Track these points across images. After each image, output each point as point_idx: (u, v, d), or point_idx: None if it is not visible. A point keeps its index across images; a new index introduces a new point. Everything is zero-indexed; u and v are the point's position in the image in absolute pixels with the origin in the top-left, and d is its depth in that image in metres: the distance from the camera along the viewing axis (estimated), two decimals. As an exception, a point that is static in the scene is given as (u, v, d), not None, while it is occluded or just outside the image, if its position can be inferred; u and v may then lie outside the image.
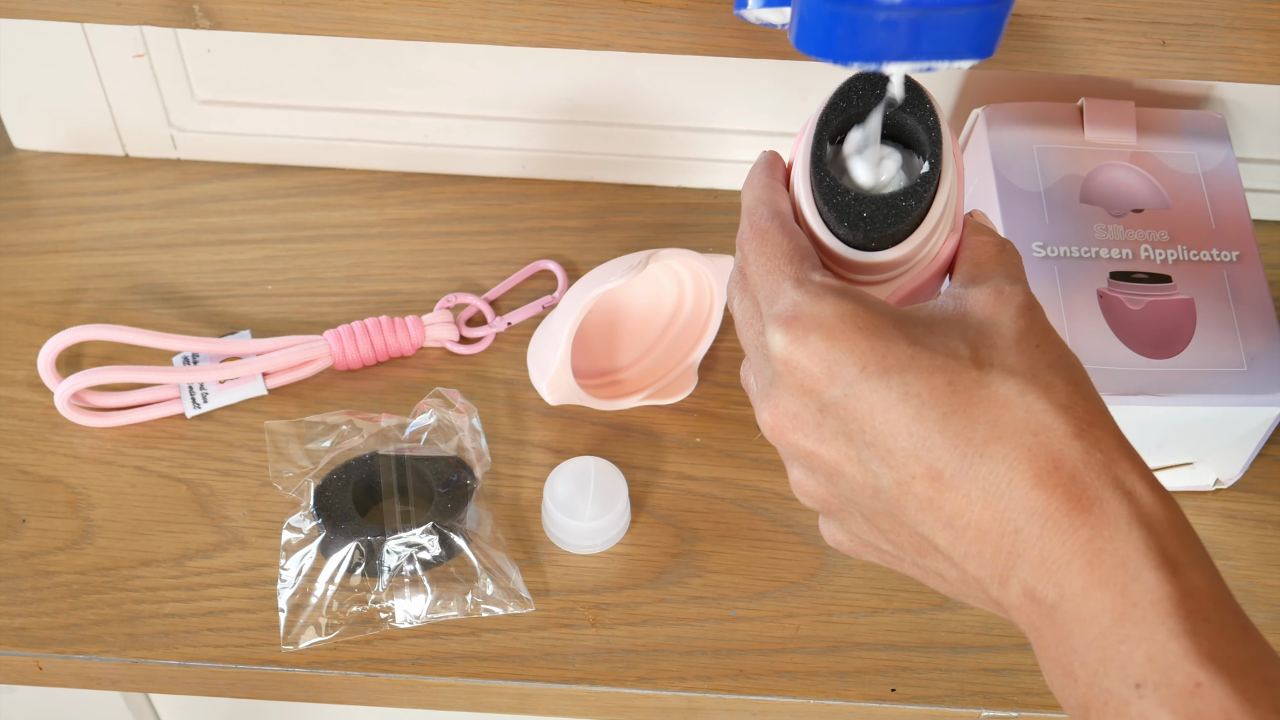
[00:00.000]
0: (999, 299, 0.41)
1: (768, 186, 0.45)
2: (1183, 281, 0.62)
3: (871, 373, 0.39)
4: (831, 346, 0.39)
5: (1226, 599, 0.37)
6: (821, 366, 0.39)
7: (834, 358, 0.39)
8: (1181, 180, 0.66)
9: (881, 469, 0.39)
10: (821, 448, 0.41)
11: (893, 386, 0.39)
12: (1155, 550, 0.37)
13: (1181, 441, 0.62)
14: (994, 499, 0.38)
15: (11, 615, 0.62)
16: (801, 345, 0.40)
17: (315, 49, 0.72)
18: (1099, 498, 0.38)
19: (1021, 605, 0.39)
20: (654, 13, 0.56)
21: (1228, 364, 0.60)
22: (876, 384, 0.39)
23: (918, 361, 0.39)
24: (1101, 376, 0.59)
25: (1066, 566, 0.37)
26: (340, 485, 0.64)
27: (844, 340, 0.39)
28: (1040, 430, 0.38)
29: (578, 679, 0.61)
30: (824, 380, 0.40)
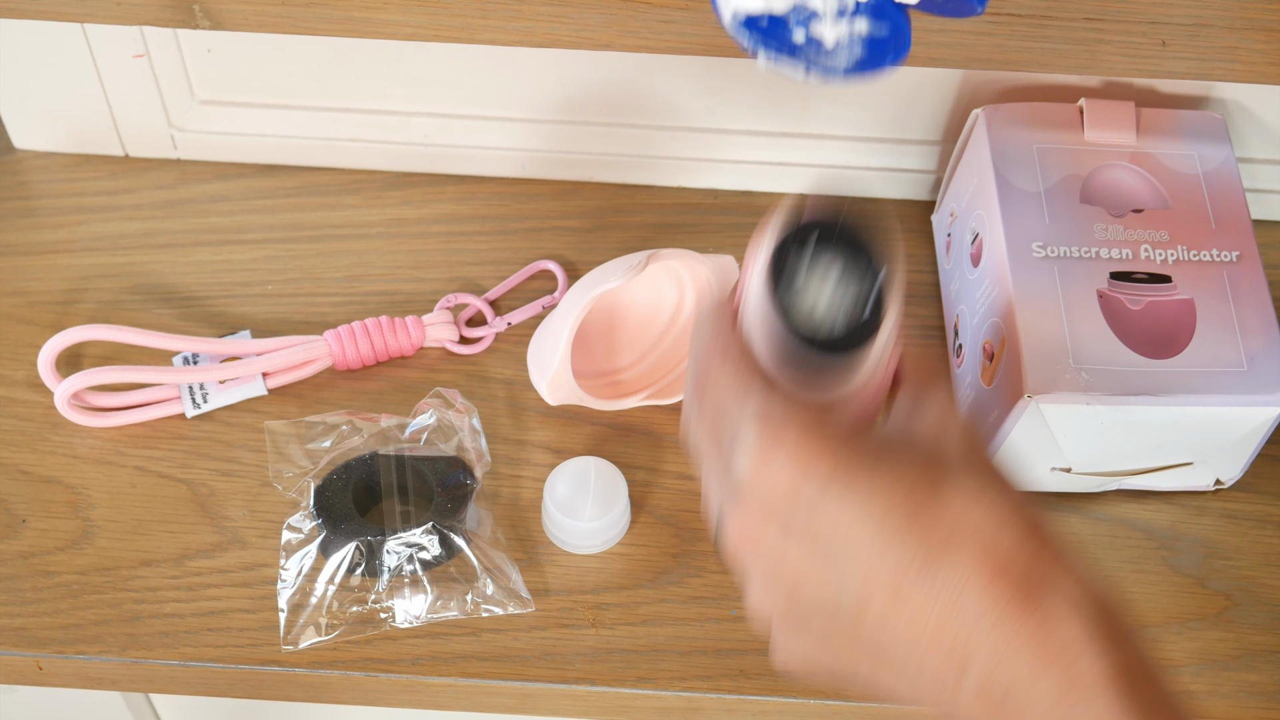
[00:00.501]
0: (943, 424, 0.44)
1: (716, 324, 0.47)
2: (1183, 282, 0.62)
3: (835, 489, 0.41)
4: (796, 465, 0.42)
5: (1157, 669, 0.42)
6: (787, 485, 0.42)
7: (799, 475, 0.42)
8: (1181, 180, 0.65)
9: (844, 580, 0.42)
10: (786, 561, 0.43)
11: (856, 501, 0.41)
12: (1095, 633, 0.40)
13: (1181, 441, 0.62)
14: (950, 603, 0.41)
15: (11, 615, 0.62)
16: (767, 465, 0.42)
17: (315, 49, 0.72)
18: (1045, 592, 0.40)
19: (974, 707, 0.41)
20: (654, 13, 0.56)
21: (1228, 364, 0.60)
22: (840, 499, 0.41)
23: (877, 477, 0.41)
24: (1101, 377, 0.59)
25: (1016, 656, 0.40)
26: (340, 485, 0.64)
27: (807, 459, 0.42)
28: (991, 537, 0.41)
29: (578, 679, 0.61)
30: (790, 497, 0.42)
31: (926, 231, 0.75)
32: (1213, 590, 0.64)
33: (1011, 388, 0.60)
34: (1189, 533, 0.66)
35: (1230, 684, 0.62)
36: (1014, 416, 0.60)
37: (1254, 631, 0.63)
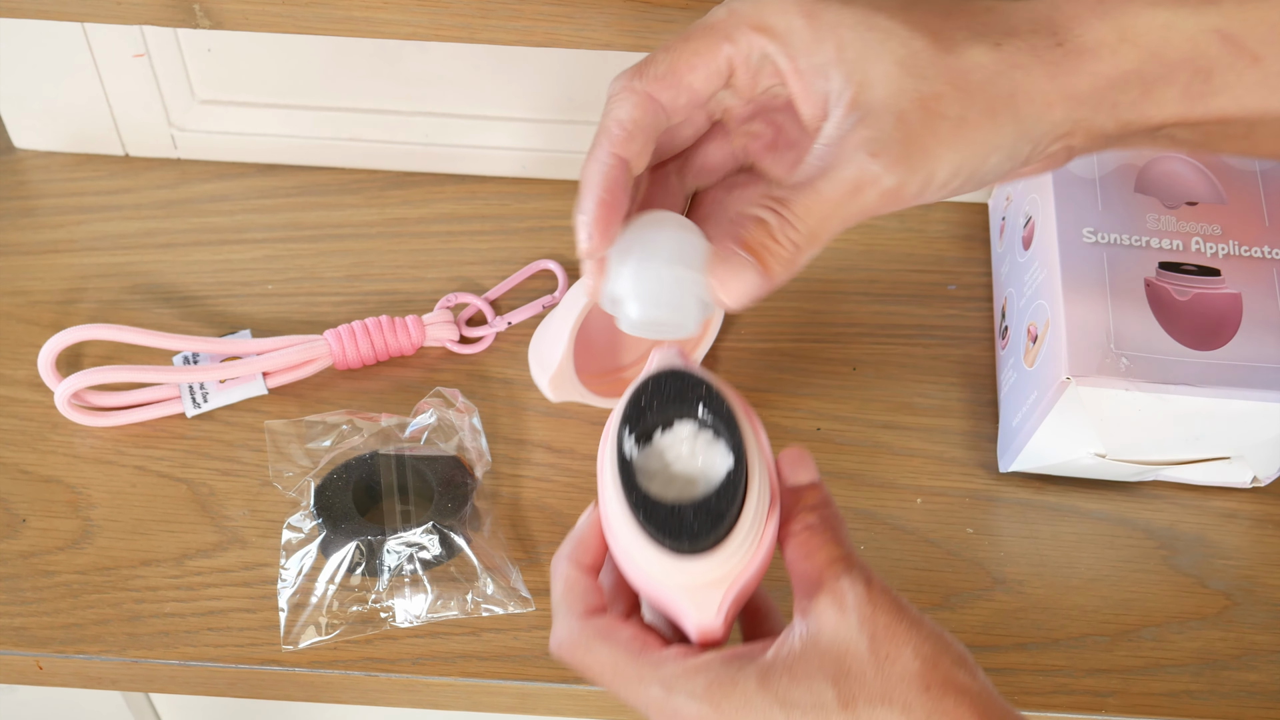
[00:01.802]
0: (839, 611, 0.44)
1: (571, 581, 0.47)
2: (1232, 276, 0.62)
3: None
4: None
5: None
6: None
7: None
8: (1238, 176, 0.66)
9: None
10: None
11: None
12: None
13: (1220, 435, 0.62)
14: None
15: (11, 615, 0.62)
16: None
17: (315, 49, 0.72)
18: None
19: None
20: (654, 13, 0.56)
21: (1272, 360, 0.60)
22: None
23: None
24: (1143, 364, 0.59)
25: None
26: (340, 485, 0.64)
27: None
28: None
29: (578, 679, 0.61)
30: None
31: (983, 238, 0.75)
32: (1213, 590, 0.64)
33: (1052, 370, 0.60)
34: (1189, 533, 0.66)
35: (1230, 684, 0.62)
36: (1052, 398, 0.60)
37: (1254, 631, 0.63)
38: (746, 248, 0.42)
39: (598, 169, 0.43)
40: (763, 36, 0.41)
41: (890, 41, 0.41)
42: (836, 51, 0.41)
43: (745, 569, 0.45)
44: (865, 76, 0.41)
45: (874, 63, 0.41)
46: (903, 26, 0.41)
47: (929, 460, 0.68)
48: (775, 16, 0.41)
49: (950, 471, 0.67)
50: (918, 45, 0.41)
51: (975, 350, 0.71)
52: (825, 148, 0.41)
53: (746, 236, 0.42)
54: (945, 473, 0.67)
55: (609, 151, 0.43)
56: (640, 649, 0.46)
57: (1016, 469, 0.66)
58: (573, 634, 0.47)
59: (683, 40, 0.43)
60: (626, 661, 0.46)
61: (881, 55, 0.41)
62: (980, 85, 0.41)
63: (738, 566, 0.45)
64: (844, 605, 0.44)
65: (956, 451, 0.68)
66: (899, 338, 0.71)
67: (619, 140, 0.43)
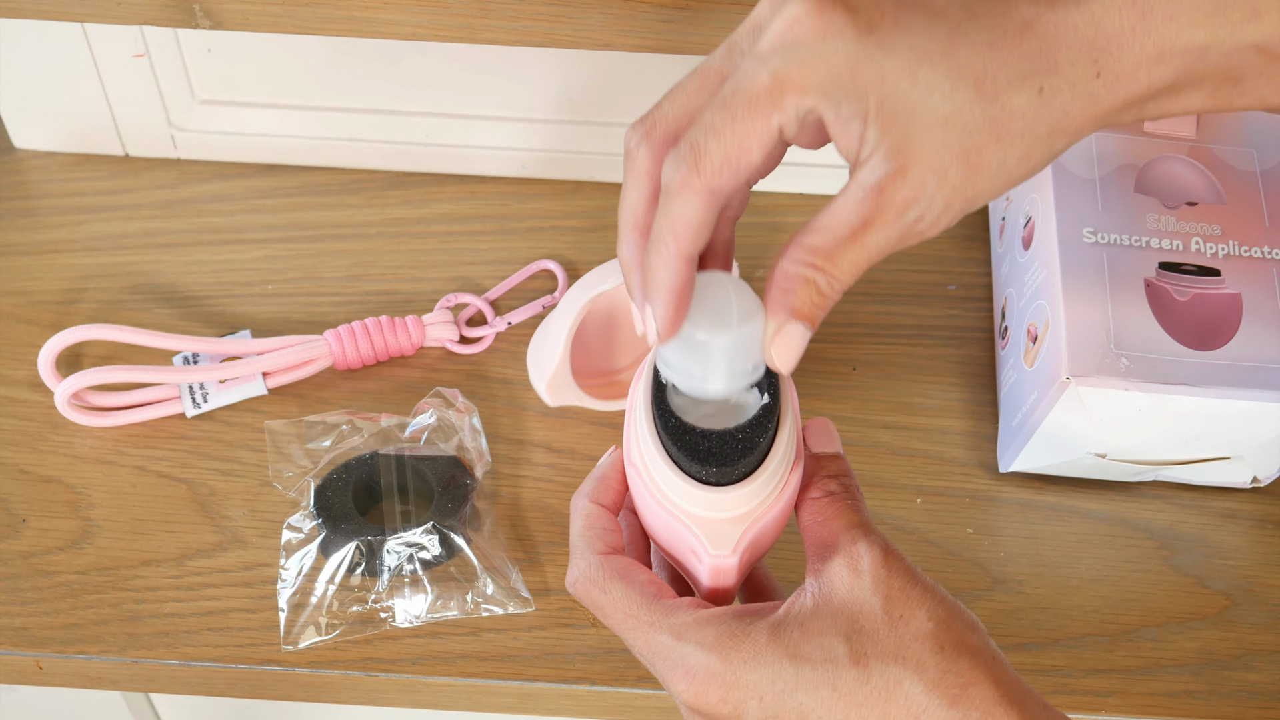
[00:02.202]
0: (854, 573, 0.44)
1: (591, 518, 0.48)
2: (1232, 276, 0.63)
3: (768, 702, 0.43)
4: (729, 692, 0.44)
5: None
6: (728, 709, 0.44)
7: (736, 700, 0.44)
8: (1238, 177, 0.66)
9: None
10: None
11: (790, 709, 0.43)
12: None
13: (1220, 435, 0.62)
14: None
15: (11, 615, 0.62)
16: (706, 696, 0.44)
17: (315, 49, 0.72)
18: None
19: None
20: (654, 13, 0.56)
21: (1271, 360, 0.60)
22: (776, 710, 0.43)
23: (802, 679, 0.43)
24: (1143, 364, 0.59)
25: None
26: (340, 485, 0.64)
27: (737, 682, 0.43)
28: (920, 713, 0.42)
29: (578, 679, 0.61)
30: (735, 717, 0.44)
31: (983, 238, 0.75)
32: (1213, 590, 0.64)
33: (1052, 370, 0.60)
34: (1189, 533, 0.66)
35: (1230, 684, 0.62)
36: (1052, 398, 0.60)
37: (1254, 631, 0.63)
38: (799, 315, 0.42)
39: (668, 272, 0.42)
40: (810, 97, 0.41)
41: (934, 97, 0.40)
42: (879, 105, 0.40)
43: (766, 512, 0.45)
44: (908, 130, 0.40)
45: (917, 119, 0.40)
46: (946, 78, 0.40)
47: (929, 460, 0.68)
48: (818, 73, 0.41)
49: (950, 471, 0.67)
50: (961, 99, 0.40)
51: (975, 350, 0.71)
52: (864, 193, 0.41)
53: (798, 304, 0.42)
54: (945, 473, 0.67)
55: (678, 254, 0.42)
56: (655, 594, 0.46)
57: (1016, 469, 0.66)
58: (590, 569, 0.47)
59: (729, 120, 0.41)
60: (640, 604, 0.46)
61: (925, 111, 0.40)
62: (1020, 132, 0.41)
63: (761, 506, 0.45)
64: (859, 568, 0.44)
65: (956, 451, 0.68)
66: (899, 338, 0.71)
67: (687, 242, 0.42)
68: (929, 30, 0.40)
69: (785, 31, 0.41)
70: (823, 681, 0.43)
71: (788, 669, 0.43)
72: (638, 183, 0.44)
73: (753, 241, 0.73)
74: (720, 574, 0.46)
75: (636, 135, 0.44)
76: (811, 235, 0.42)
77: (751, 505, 0.45)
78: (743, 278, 0.70)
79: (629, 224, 0.45)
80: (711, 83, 0.43)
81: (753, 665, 0.43)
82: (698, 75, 0.44)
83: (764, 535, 0.47)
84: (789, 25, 0.41)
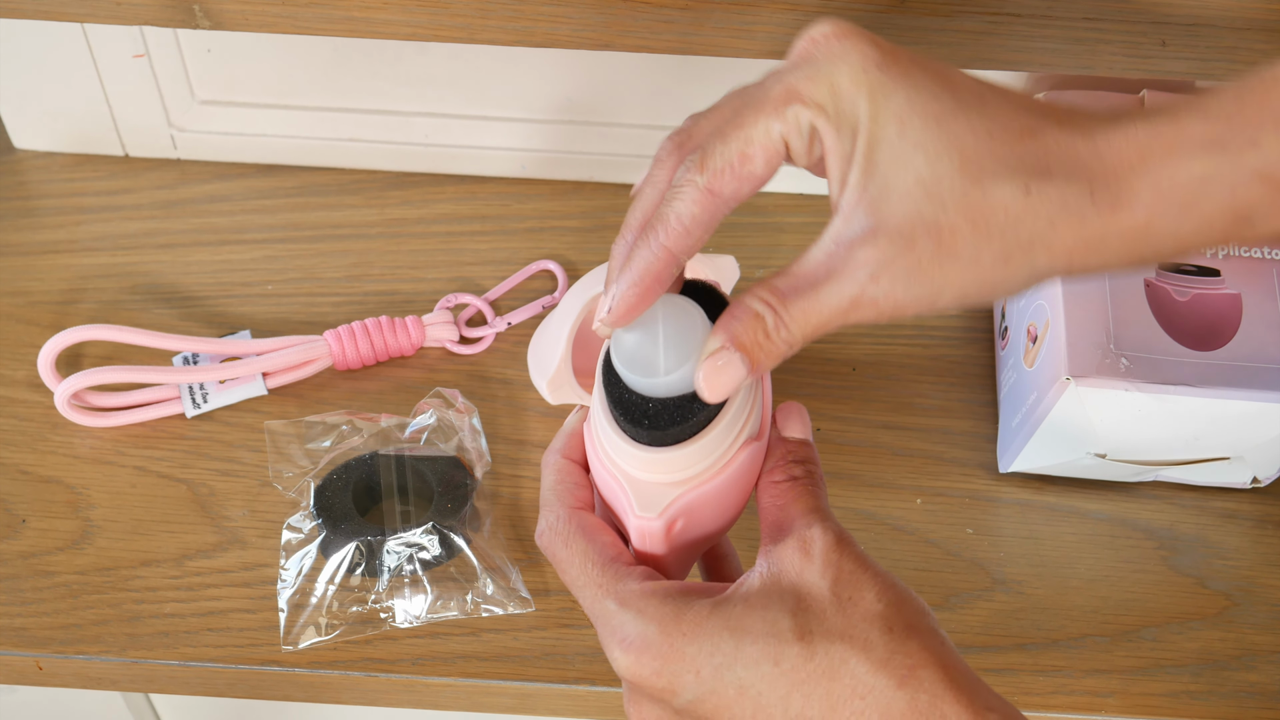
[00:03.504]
0: (804, 555, 0.43)
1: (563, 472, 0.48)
2: (1231, 276, 0.63)
3: (705, 676, 0.42)
4: (665, 664, 0.43)
5: None
6: (663, 681, 0.43)
7: (671, 673, 0.43)
8: None
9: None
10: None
11: (728, 684, 0.42)
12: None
13: (1219, 435, 0.62)
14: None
15: (11, 615, 0.62)
16: (641, 667, 0.43)
17: (315, 49, 0.72)
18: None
19: None
20: (654, 13, 0.56)
21: (1271, 360, 0.60)
22: (714, 685, 0.42)
23: (743, 653, 0.42)
24: (1142, 365, 0.59)
25: None
26: (340, 485, 0.64)
27: (674, 654, 0.43)
28: (867, 692, 0.41)
29: (578, 679, 0.61)
30: (669, 692, 0.43)
31: None
32: (1213, 590, 0.64)
33: (1052, 370, 0.60)
34: (1189, 533, 0.66)
35: (1230, 684, 0.62)
36: (1052, 398, 0.60)
37: (1254, 631, 0.63)
38: (739, 345, 0.42)
39: (645, 257, 0.43)
40: (810, 110, 0.41)
41: (917, 156, 0.40)
42: (867, 146, 0.40)
43: (704, 483, 0.45)
44: (886, 184, 0.40)
45: (896, 172, 0.40)
46: (934, 142, 0.40)
47: (929, 460, 0.68)
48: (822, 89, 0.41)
49: (950, 472, 0.67)
50: (943, 169, 0.40)
51: (975, 350, 0.71)
52: (832, 247, 0.41)
53: (740, 333, 0.42)
54: (945, 473, 0.67)
55: (662, 245, 0.42)
56: (612, 557, 0.46)
57: (1016, 469, 0.66)
58: (558, 522, 0.47)
59: (736, 127, 0.42)
60: (595, 564, 0.45)
61: (905, 168, 0.40)
62: (1000, 229, 0.40)
63: (698, 476, 0.45)
64: (810, 551, 0.43)
65: (956, 451, 0.68)
66: (899, 338, 0.71)
67: (676, 236, 0.42)
68: (934, 95, 0.41)
69: (807, 47, 0.42)
70: (764, 656, 0.42)
71: (727, 642, 0.42)
72: (655, 188, 0.45)
73: (754, 241, 0.73)
74: (646, 537, 0.46)
75: (670, 144, 0.45)
76: (777, 277, 0.42)
77: (685, 473, 0.44)
78: (743, 276, 0.71)
79: (635, 223, 0.45)
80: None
81: (691, 638, 0.43)
82: (737, 94, 0.44)
83: (703, 507, 0.46)
84: (811, 42, 0.42)
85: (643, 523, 0.45)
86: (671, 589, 0.44)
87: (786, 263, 0.43)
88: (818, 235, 0.42)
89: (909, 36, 0.58)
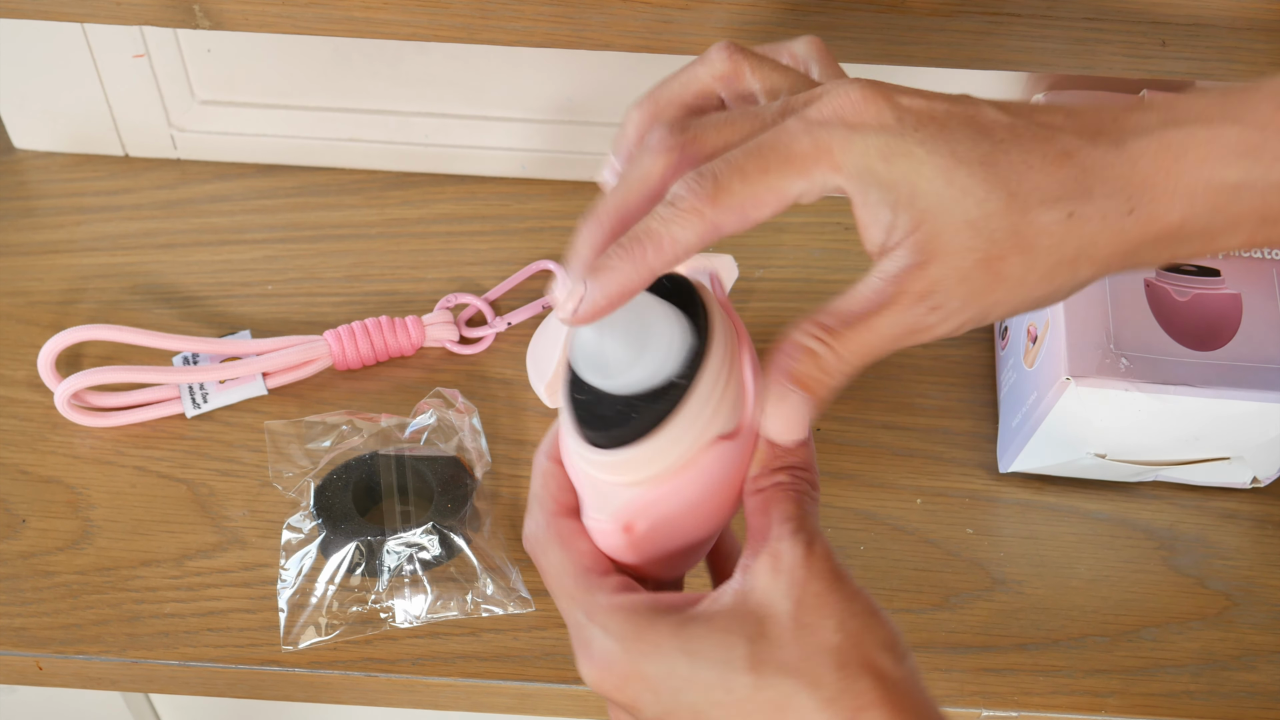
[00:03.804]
0: (773, 572, 0.43)
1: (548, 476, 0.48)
2: (1232, 276, 0.63)
3: (663, 697, 0.43)
4: (626, 683, 0.43)
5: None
6: (626, 698, 0.44)
7: (633, 691, 0.43)
8: None
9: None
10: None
11: (684, 706, 0.43)
12: None
13: (1219, 435, 0.62)
14: None
15: (11, 615, 0.62)
16: (604, 683, 0.44)
17: (315, 49, 0.72)
18: None
19: None
20: (654, 13, 0.56)
21: (1272, 360, 0.60)
22: (670, 705, 0.43)
23: (696, 678, 0.42)
24: (1142, 365, 0.59)
25: None
26: (340, 485, 0.64)
27: (634, 673, 0.43)
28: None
29: (578, 679, 0.61)
30: (632, 708, 0.44)
31: None
32: (1213, 590, 0.64)
33: (1052, 370, 0.60)
34: (1189, 533, 0.66)
35: (1230, 684, 0.62)
36: (1052, 398, 0.60)
37: (1254, 631, 0.63)
38: (799, 383, 0.43)
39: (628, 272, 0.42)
40: (840, 176, 0.42)
41: (966, 200, 0.41)
42: (910, 198, 0.41)
43: (660, 485, 0.44)
44: (935, 228, 0.42)
45: (946, 218, 0.41)
46: (981, 185, 0.41)
47: (929, 460, 0.68)
48: (854, 156, 0.42)
49: (950, 472, 0.67)
50: (992, 207, 0.41)
51: (975, 350, 0.71)
52: (883, 282, 0.42)
53: (798, 370, 0.42)
54: (945, 473, 0.67)
55: (649, 265, 0.42)
56: (586, 568, 0.45)
57: (1016, 469, 0.66)
58: (538, 530, 0.47)
59: (759, 170, 0.42)
60: (568, 575, 0.45)
61: (954, 213, 0.41)
62: (1046, 250, 0.42)
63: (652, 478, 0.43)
64: (779, 567, 0.43)
65: (956, 451, 0.68)
66: (899, 338, 0.71)
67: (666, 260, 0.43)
68: (972, 141, 0.42)
69: (839, 108, 0.42)
70: (716, 683, 0.42)
71: (683, 665, 0.42)
72: (645, 181, 0.44)
73: (754, 242, 0.73)
74: (604, 539, 0.45)
75: (671, 139, 0.44)
76: (823, 314, 0.43)
77: (637, 474, 0.43)
78: (742, 277, 0.71)
79: (612, 208, 0.44)
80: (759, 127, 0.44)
81: (651, 658, 0.43)
82: (751, 115, 0.44)
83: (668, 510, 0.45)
84: (843, 104, 0.42)
85: (595, 524, 0.45)
86: (640, 604, 0.44)
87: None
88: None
89: (909, 36, 0.58)
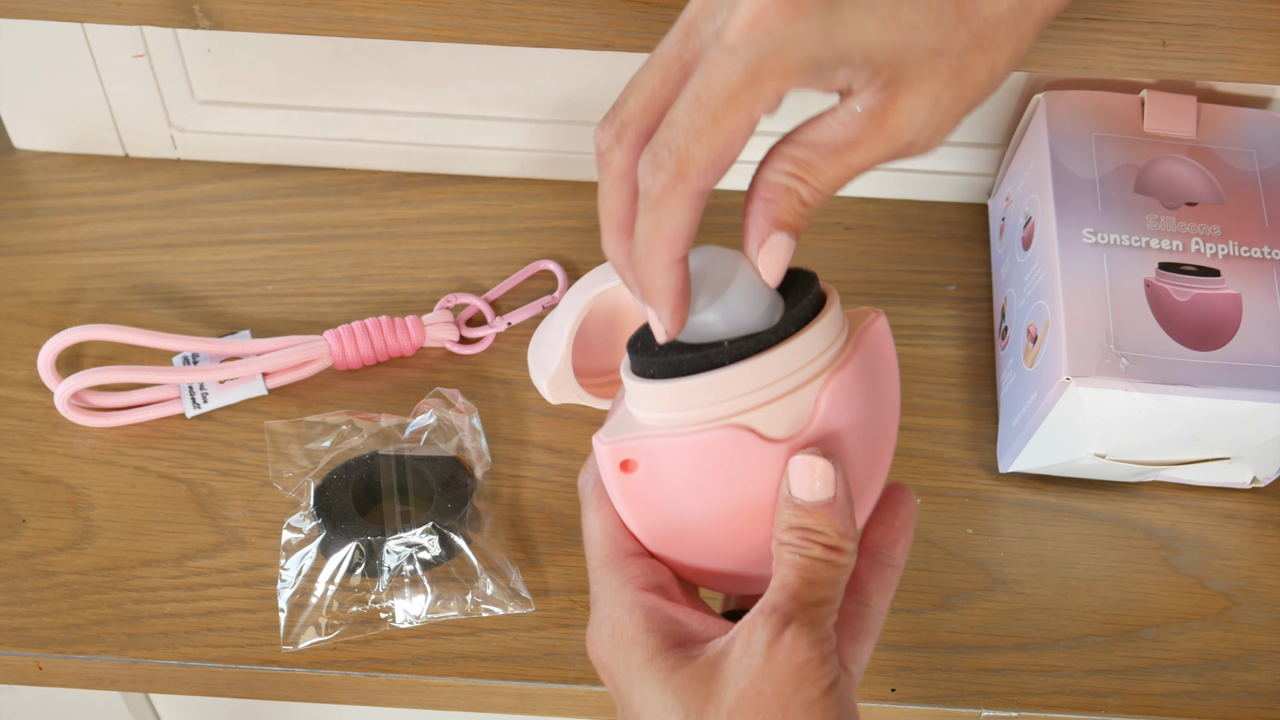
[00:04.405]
0: (744, 648, 0.44)
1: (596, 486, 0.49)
2: (1231, 277, 0.63)
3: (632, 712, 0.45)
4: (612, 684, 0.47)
5: None
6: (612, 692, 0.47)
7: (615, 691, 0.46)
8: (1238, 177, 0.66)
9: None
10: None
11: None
12: None
13: (1219, 435, 0.62)
14: None
15: (11, 615, 0.62)
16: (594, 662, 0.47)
17: (315, 49, 0.72)
18: None
19: None
20: (654, 13, 0.56)
21: (1271, 360, 0.60)
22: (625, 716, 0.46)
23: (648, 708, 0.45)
24: (1142, 365, 0.59)
25: None
26: (340, 485, 0.64)
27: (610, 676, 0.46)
28: None
29: (578, 679, 0.61)
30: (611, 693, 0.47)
31: (983, 238, 0.75)
32: (1213, 590, 0.64)
33: (1052, 370, 0.60)
34: (1189, 533, 0.66)
35: (1230, 684, 0.62)
36: (1052, 398, 0.60)
37: (1254, 631, 0.63)
38: (781, 225, 0.43)
39: (666, 277, 0.43)
40: (791, 79, 0.40)
41: (921, 33, 0.40)
42: (865, 57, 0.40)
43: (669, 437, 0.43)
44: (898, 69, 0.41)
45: (908, 56, 0.41)
46: (929, 12, 0.40)
47: (929, 460, 0.68)
48: (795, 56, 0.40)
49: (950, 471, 0.67)
50: (946, 27, 0.41)
51: (975, 350, 0.71)
52: (854, 117, 0.41)
53: (780, 214, 0.43)
54: (945, 473, 0.67)
55: (672, 260, 0.43)
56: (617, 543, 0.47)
57: (1016, 469, 0.66)
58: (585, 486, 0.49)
59: (709, 121, 0.40)
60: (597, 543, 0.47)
61: (914, 49, 0.40)
62: (1005, 36, 0.42)
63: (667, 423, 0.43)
64: (747, 647, 0.43)
65: (956, 451, 0.68)
66: (899, 338, 0.71)
67: (679, 247, 0.43)
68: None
69: (754, 20, 0.40)
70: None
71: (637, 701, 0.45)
72: (617, 185, 0.44)
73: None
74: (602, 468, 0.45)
75: (608, 137, 0.44)
76: (795, 148, 0.42)
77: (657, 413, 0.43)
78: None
79: (613, 226, 0.44)
80: (674, 73, 0.42)
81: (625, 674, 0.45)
82: (657, 66, 0.43)
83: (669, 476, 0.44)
84: (757, 14, 0.40)
85: (597, 444, 0.45)
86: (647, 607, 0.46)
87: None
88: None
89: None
